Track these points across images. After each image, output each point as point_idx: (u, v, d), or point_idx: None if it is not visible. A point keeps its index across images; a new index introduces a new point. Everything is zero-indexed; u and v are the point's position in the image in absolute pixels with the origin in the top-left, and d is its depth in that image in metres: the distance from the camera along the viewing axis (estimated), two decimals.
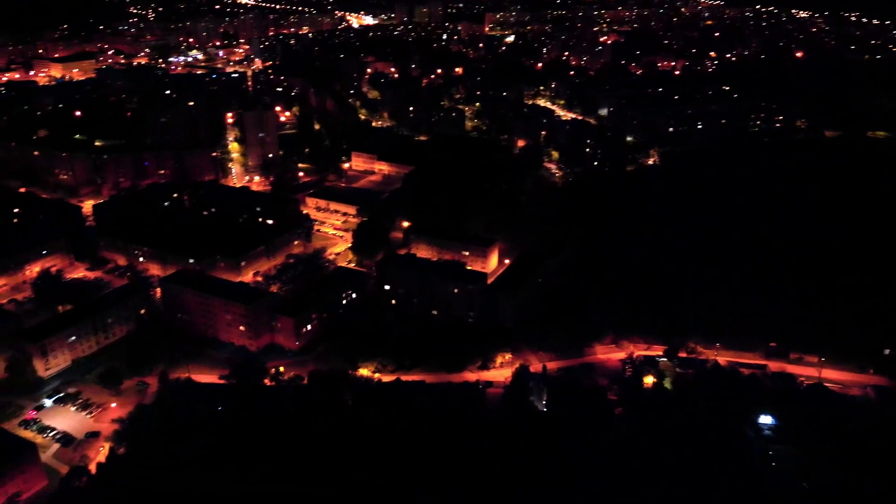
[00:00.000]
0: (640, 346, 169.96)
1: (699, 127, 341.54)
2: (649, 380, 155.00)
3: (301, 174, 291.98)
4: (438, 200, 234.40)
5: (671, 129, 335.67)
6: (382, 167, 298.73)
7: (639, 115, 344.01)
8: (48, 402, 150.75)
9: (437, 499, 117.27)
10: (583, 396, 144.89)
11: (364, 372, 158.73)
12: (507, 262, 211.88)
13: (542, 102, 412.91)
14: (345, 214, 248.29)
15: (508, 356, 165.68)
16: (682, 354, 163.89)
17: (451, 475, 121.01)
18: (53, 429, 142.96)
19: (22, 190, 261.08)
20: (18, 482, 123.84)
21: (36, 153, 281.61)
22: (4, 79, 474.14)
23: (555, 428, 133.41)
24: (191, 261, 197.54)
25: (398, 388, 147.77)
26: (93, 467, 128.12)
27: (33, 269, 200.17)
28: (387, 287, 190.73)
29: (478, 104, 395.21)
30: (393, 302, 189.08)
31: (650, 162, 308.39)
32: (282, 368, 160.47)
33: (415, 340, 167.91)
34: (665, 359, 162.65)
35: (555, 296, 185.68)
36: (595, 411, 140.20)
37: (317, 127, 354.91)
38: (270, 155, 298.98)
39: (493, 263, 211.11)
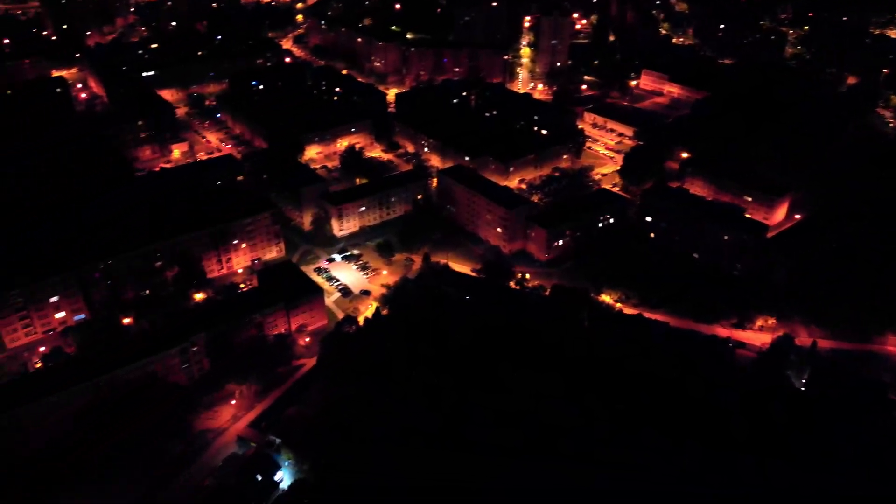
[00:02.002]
0: None
1: None
2: None
3: (584, 87, 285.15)
4: (729, 134, 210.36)
5: None
6: (672, 89, 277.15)
7: None
8: (337, 258, 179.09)
9: (670, 440, 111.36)
10: (857, 385, 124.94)
11: (606, 298, 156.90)
12: (797, 216, 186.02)
13: (893, 34, 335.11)
14: (620, 135, 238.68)
15: (772, 321, 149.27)
16: None
17: (685, 426, 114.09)
18: (337, 280, 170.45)
19: (344, 72, 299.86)
20: (307, 316, 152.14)
21: (359, 40, 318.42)
22: None
23: (816, 409, 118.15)
24: (466, 158, 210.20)
25: (638, 323, 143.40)
26: (361, 319, 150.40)
27: (342, 143, 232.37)
28: (649, 219, 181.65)
29: (806, 27, 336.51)
30: (652, 235, 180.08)
31: None
32: (528, 276, 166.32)
33: (668, 279, 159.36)
34: None
35: (848, 266, 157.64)
36: (869, 404, 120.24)
37: (611, 38, 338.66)
38: (559, 64, 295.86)
39: (779, 215, 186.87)
